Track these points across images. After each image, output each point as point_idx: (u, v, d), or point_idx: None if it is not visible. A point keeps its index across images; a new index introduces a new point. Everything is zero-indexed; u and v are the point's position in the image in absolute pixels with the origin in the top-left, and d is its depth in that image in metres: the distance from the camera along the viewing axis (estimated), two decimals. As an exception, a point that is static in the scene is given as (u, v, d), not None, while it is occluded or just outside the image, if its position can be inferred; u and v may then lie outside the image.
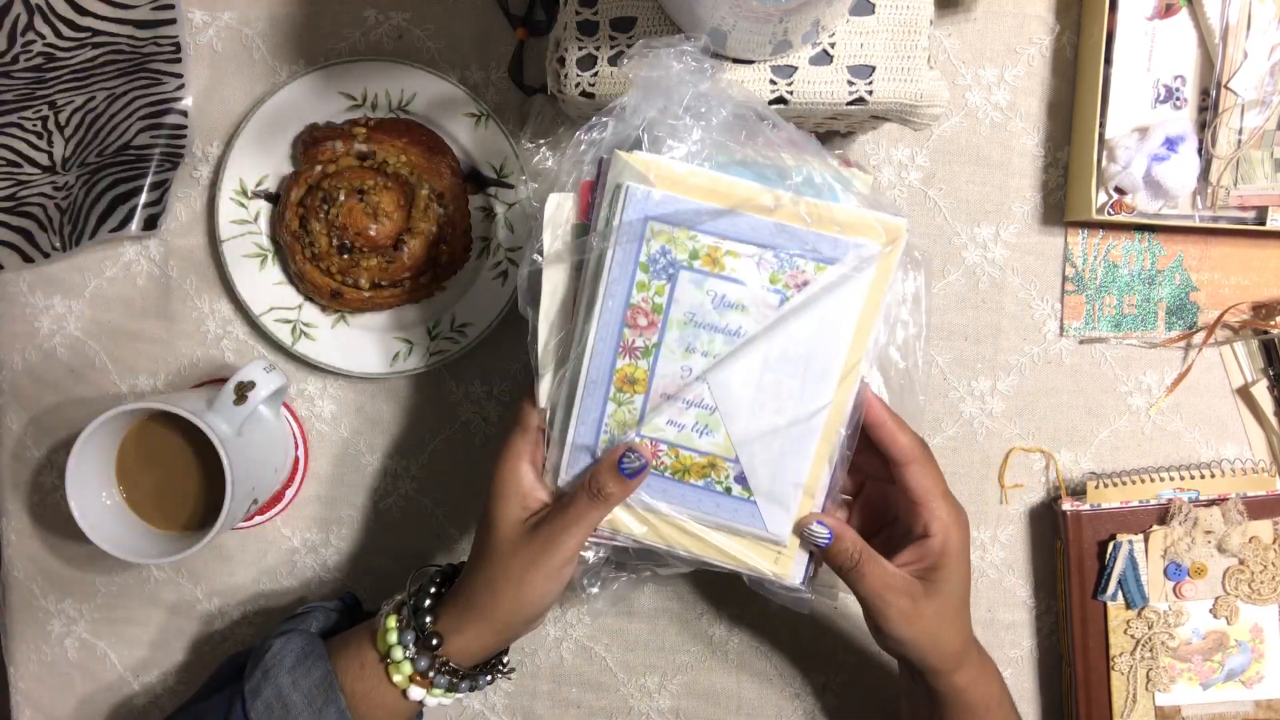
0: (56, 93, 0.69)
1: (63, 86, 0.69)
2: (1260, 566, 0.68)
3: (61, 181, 0.70)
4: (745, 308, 0.54)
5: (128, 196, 0.69)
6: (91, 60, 0.69)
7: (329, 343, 0.71)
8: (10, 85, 0.69)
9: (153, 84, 0.69)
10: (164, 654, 0.75)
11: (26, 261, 0.71)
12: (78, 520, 0.63)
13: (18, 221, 0.71)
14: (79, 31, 0.69)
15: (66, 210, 0.70)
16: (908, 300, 0.68)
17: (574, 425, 0.56)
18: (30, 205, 0.71)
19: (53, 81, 0.69)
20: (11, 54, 0.69)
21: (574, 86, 0.59)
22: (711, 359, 0.55)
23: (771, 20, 0.51)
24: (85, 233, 0.69)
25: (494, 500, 0.56)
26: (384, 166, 0.67)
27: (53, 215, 0.70)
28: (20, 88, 0.69)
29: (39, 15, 0.69)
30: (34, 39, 0.69)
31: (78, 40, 0.69)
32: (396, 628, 0.56)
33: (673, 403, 0.56)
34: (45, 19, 0.69)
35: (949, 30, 0.70)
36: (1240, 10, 0.65)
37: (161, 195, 0.70)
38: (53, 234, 0.70)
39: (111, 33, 0.69)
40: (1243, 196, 0.67)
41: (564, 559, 0.55)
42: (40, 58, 0.69)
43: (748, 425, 0.56)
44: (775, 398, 0.55)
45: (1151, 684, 0.69)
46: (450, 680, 0.57)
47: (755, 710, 0.74)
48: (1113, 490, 0.69)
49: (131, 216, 0.69)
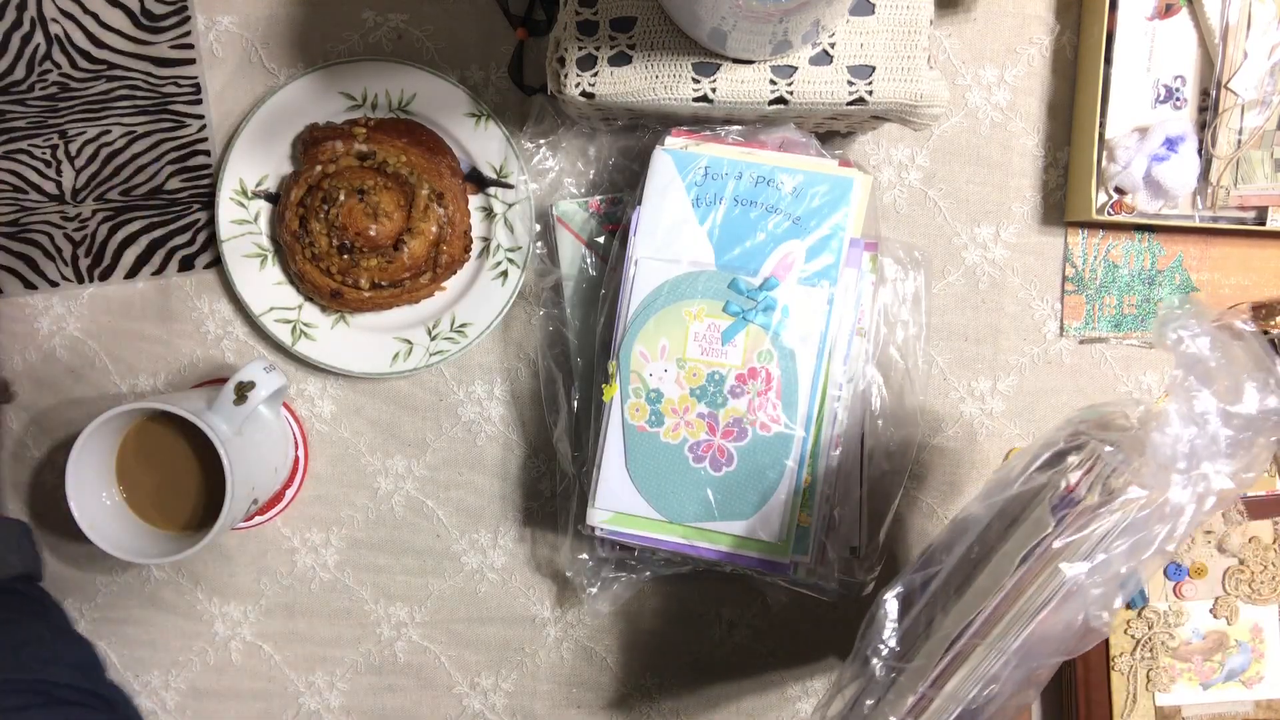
0: (68, 122, 0.71)
1: (75, 117, 0.70)
2: (1260, 566, 0.68)
3: (72, 212, 0.71)
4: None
5: (164, 240, 0.72)
6: (105, 93, 0.70)
7: (329, 343, 0.71)
8: (24, 113, 0.70)
9: (177, 127, 0.71)
10: (164, 654, 0.75)
11: (29, 288, 0.72)
12: (78, 520, 0.63)
13: (19, 248, 0.72)
14: (95, 64, 0.70)
15: (82, 244, 0.71)
16: (908, 300, 0.68)
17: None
18: (34, 232, 0.71)
19: (65, 111, 0.70)
20: (28, 82, 0.70)
21: (574, 86, 0.59)
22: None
23: (771, 20, 0.51)
24: (118, 271, 0.72)
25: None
26: (384, 166, 0.67)
27: (62, 245, 0.71)
28: (33, 115, 0.70)
29: (57, 45, 0.70)
30: (50, 69, 0.70)
31: (93, 72, 0.70)
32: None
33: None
34: (63, 49, 0.70)
35: (949, 30, 0.70)
36: (1240, 10, 0.65)
37: (193, 235, 0.71)
38: (63, 264, 0.72)
39: (127, 67, 0.70)
40: (1243, 196, 0.67)
41: None
42: (55, 87, 0.70)
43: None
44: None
45: (1151, 684, 0.69)
46: None
47: (755, 710, 0.74)
48: (1113, 490, 0.69)
49: (171, 260, 0.72)
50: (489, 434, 0.73)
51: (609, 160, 0.70)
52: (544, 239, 0.71)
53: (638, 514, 0.64)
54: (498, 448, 0.73)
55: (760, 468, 0.63)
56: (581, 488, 0.68)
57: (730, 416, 0.63)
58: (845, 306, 0.63)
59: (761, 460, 0.63)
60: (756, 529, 0.63)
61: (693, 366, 0.63)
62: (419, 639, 0.74)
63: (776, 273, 0.62)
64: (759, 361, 0.62)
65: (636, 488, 0.63)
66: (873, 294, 0.65)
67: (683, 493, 0.63)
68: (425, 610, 0.74)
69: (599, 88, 0.58)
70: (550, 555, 0.73)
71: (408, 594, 0.74)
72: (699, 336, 0.63)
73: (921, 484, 0.73)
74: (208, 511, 0.65)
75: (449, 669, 0.74)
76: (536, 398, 0.71)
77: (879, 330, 0.67)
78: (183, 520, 0.66)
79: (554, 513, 0.73)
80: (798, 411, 0.62)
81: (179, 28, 0.70)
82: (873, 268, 0.65)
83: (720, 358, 0.63)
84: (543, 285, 0.70)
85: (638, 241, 0.63)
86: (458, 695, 0.75)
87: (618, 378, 0.64)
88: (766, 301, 0.62)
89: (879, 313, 0.67)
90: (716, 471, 0.63)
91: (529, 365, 0.72)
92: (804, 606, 0.73)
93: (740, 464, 0.63)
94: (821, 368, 0.62)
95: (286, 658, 0.74)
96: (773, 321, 0.62)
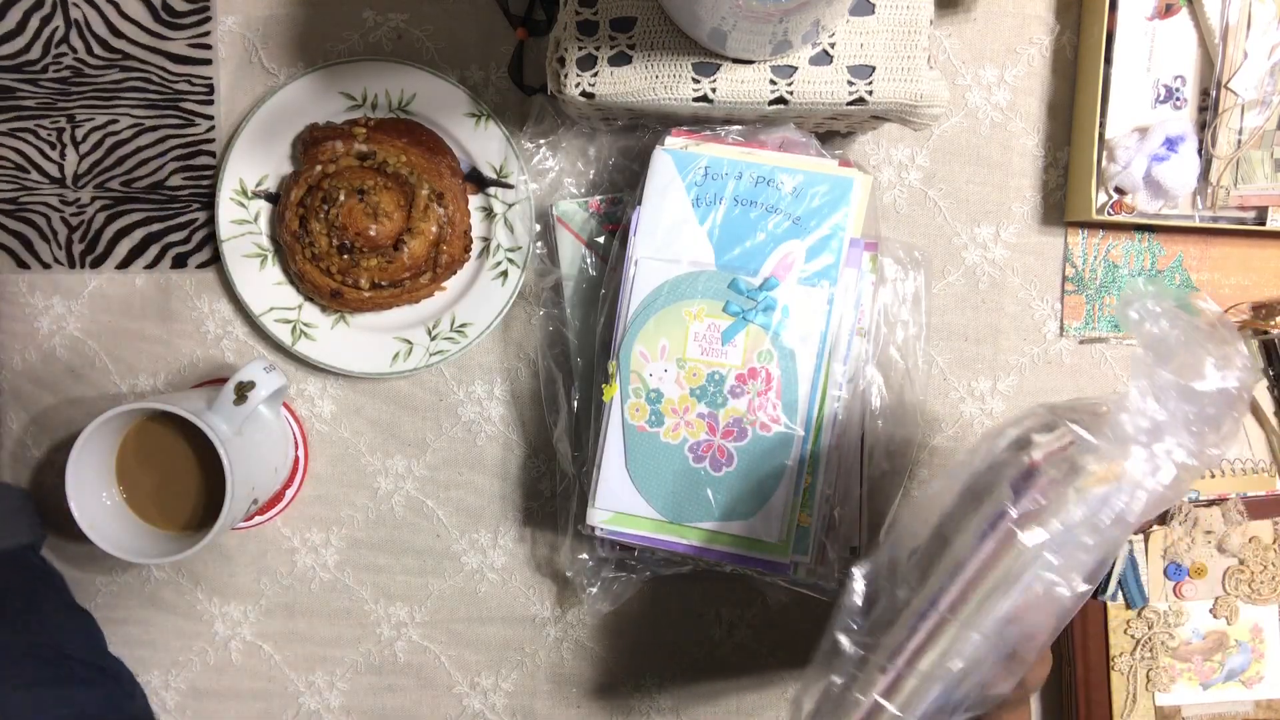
0: (77, 107, 0.71)
1: (84, 102, 0.71)
2: (1260, 566, 0.68)
3: (71, 197, 0.71)
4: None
5: (160, 235, 0.72)
6: (118, 83, 0.71)
7: (329, 343, 0.71)
8: (34, 93, 0.71)
9: (186, 125, 0.71)
10: (164, 654, 0.75)
11: (21, 267, 0.72)
12: (78, 520, 0.63)
13: (16, 226, 0.72)
14: (110, 52, 0.71)
15: (78, 229, 0.72)
16: (908, 300, 0.68)
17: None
18: (31, 213, 0.72)
19: (75, 96, 0.71)
20: (42, 63, 0.71)
21: (574, 86, 0.59)
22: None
23: (771, 20, 0.51)
24: (111, 261, 0.72)
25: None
26: (384, 166, 0.67)
27: (58, 229, 0.72)
28: (43, 96, 0.71)
29: (75, 30, 0.70)
30: (65, 52, 0.70)
31: (107, 60, 0.70)
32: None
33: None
34: (81, 34, 0.70)
35: (949, 30, 0.70)
36: (1240, 10, 0.65)
37: (190, 234, 0.71)
38: (57, 247, 0.72)
39: (142, 60, 0.71)
40: (1243, 196, 0.67)
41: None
42: (68, 71, 0.71)
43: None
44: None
45: (1151, 684, 0.69)
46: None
47: (755, 710, 0.74)
48: (1113, 490, 0.69)
49: (165, 255, 0.72)
50: (489, 434, 0.73)
51: (609, 160, 0.70)
52: (544, 239, 0.71)
53: (638, 514, 0.64)
54: (498, 448, 0.73)
55: (760, 468, 0.63)
56: (581, 488, 0.68)
57: (730, 416, 0.63)
58: (845, 306, 0.63)
59: (761, 460, 0.63)
60: (756, 529, 0.63)
61: (693, 366, 0.63)
62: (419, 639, 0.74)
63: (776, 273, 0.62)
64: (759, 361, 0.62)
65: (636, 488, 0.63)
66: (873, 294, 0.65)
67: (683, 493, 0.63)
68: (425, 610, 0.74)
69: (599, 88, 0.58)
70: (550, 555, 0.73)
71: (408, 594, 0.74)
72: (699, 336, 0.63)
73: (921, 484, 0.73)
74: (208, 511, 0.65)
75: (449, 669, 0.74)
76: (536, 398, 0.71)
77: (879, 330, 0.67)
78: (183, 520, 0.66)
79: (554, 513, 0.73)
80: (798, 411, 0.62)
81: (198, 27, 0.71)
82: (873, 268, 0.65)
83: (720, 358, 0.63)
84: (543, 285, 0.70)
85: (638, 241, 0.63)
86: (458, 695, 0.75)
87: (618, 378, 0.64)
88: (766, 301, 0.62)
89: (879, 313, 0.67)
90: (716, 471, 0.63)
91: (529, 365, 0.72)
92: (804, 606, 0.73)
93: (740, 464, 0.63)
94: (821, 368, 0.62)
95: (286, 658, 0.74)
96: (773, 321, 0.62)
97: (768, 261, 0.62)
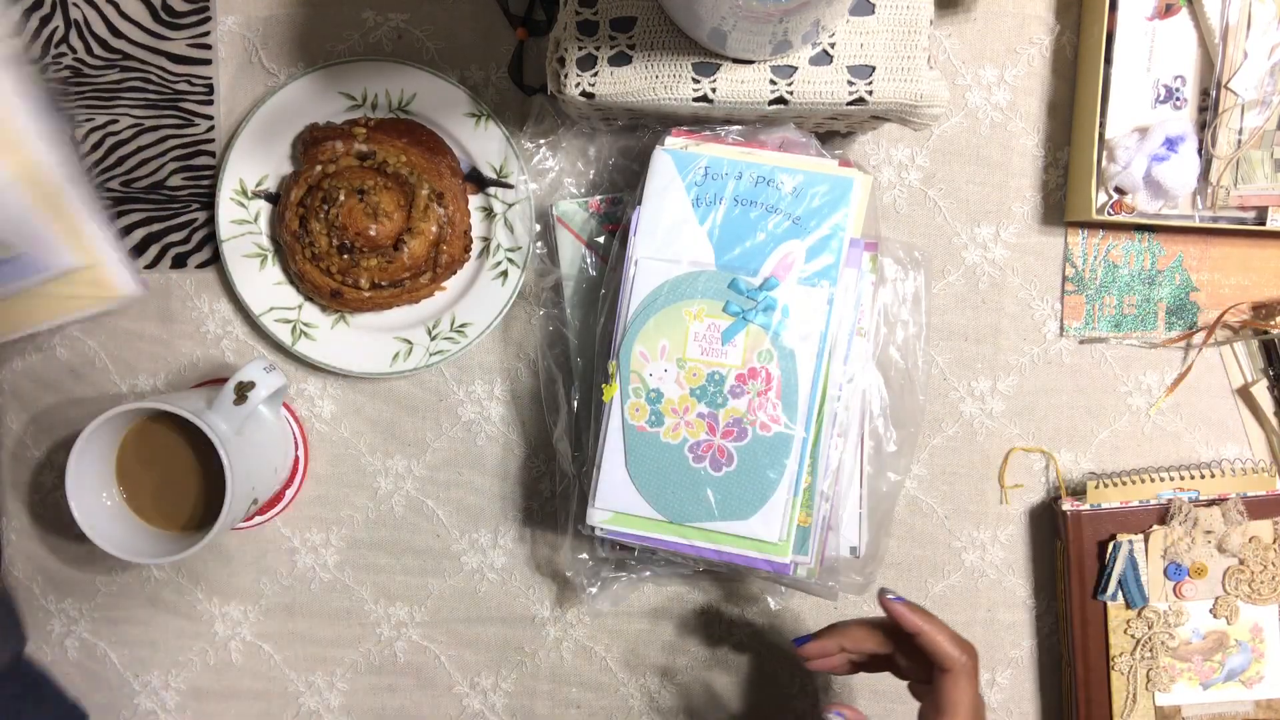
0: (76, 107, 0.71)
1: (84, 103, 0.71)
2: (1260, 566, 0.68)
3: None
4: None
5: (160, 235, 0.72)
6: (117, 83, 0.71)
7: (329, 343, 0.71)
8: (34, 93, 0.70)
9: (185, 125, 0.71)
10: (164, 654, 0.75)
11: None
12: (78, 520, 0.63)
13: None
14: (110, 53, 0.71)
15: None
16: (908, 300, 0.68)
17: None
18: None
19: (75, 96, 0.71)
20: (41, 64, 0.71)
21: (574, 86, 0.59)
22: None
23: (771, 20, 0.51)
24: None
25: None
26: (384, 166, 0.67)
27: None
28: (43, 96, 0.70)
29: (75, 30, 0.70)
30: (65, 52, 0.70)
31: (107, 61, 0.71)
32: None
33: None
34: (80, 35, 0.70)
35: (949, 30, 0.70)
36: (1240, 10, 0.65)
37: (189, 234, 0.71)
38: None
39: (142, 59, 0.71)
40: (1243, 196, 0.67)
41: None
42: (68, 71, 0.71)
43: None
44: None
45: (1151, 684, 0.69)
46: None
47: (755, 710, 0.74)
48: (1113, 490, 0.70)
49: (164, 256, 0.72)
50: (489, 434, 0.73)
51: (609, 160, 0.70)
52: (544, 239, 0.71)
53: (638, 514, 0.64)
54: (498, 448, 0.73)
55: (760, 468, 0.63)
56: (581, 488, 0.68)
57: (730, 416, 0.63)
58: (845, 306, 0.63)
59: (761, 460, 0.62)
60: (756, 529, 0.63)
61: (693, 366, 0.63)
62: (419, 639, 0.74)
63: (776, 273, 0.62)
64: (759, 361, 0.62)
65: (636, 488, 0.63)
66: (873, 294, 0.65)
67: (683, 493, 0.63)
68: (425, 610, 0.74)
69: (599, 88, 0.58)
70: (550, 555, 0.73)
71: (408, 594, 0.74)
72: (699, 336, 0.63)
73: (921, 484, 0.73)
74: (208, 511, 0.65)
75: (449, 669, 0.74)
76: (536, 398, 0.71)
77: (879, 330, 0.67)
78: (183, 520, 0.66)
79: (554, 513, 0.73)
80: (798, 411, 0.62)
81: (198, 27, 0.71)
82: (873, 268, 0.65)
83: (720, 358, 0.63)
84: (543, 285, 0.70)
85: (638, 241, 0.63)
86: (458, 695, 0.75)
87: (618, 378, 0.64)
88: (766, 301, 0.62)
89: (879, 313, 0.67)
90: (716, 471, 0.63)
91: (529, 365, 0.72)
92: (804, 606, 0.73)
93: (740, 464, 0.63)
94: (821, 368, 0.62)
95: (286, 658, 0.74)
96: (773, 321, 0.62)
97: (768, 261, 0.62)
